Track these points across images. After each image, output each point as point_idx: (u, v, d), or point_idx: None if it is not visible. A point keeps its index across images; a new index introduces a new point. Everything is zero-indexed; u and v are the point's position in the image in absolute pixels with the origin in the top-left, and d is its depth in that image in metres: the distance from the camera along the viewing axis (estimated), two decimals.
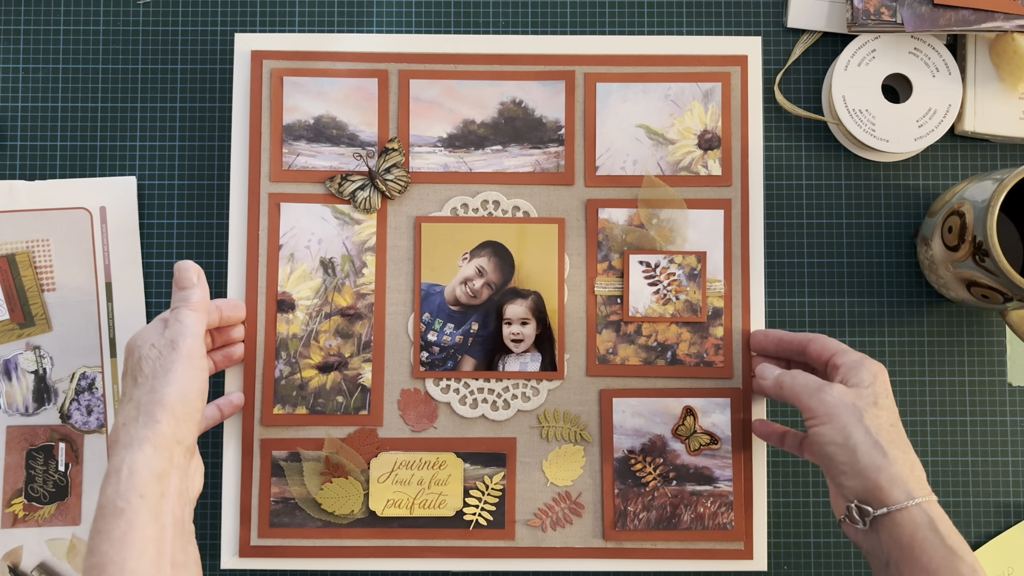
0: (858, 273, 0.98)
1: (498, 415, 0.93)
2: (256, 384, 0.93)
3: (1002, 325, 0.98)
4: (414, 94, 0.95)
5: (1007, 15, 0.92)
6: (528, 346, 0.93)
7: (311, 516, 0.92)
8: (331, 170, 0.94)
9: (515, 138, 0.95)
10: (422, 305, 0.94)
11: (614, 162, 0.95)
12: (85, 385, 0.96)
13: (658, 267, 0.94)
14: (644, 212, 0.94)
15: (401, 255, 0.94)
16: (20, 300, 0.95)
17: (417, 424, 0.93)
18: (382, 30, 0.99)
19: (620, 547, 0.93)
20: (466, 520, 0.93)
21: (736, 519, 0.92)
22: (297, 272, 0.94)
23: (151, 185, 0.98)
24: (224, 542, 0.93)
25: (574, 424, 0.93)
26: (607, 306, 0.94)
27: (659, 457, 0.93)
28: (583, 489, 0.93)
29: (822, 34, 0.99)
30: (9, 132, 0.98)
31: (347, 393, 0.93)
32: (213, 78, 0.99)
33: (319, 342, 0.94)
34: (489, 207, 0.95)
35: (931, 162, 0.98)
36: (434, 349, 0.93)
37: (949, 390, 0.97)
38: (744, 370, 0.94)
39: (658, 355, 0.94)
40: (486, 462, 0.93)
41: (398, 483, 0.93)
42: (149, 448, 0.74)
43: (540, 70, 0.95)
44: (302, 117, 0.95)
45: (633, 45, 0.96)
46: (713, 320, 0.94)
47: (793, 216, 0.98)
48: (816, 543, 0.96)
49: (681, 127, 0.95)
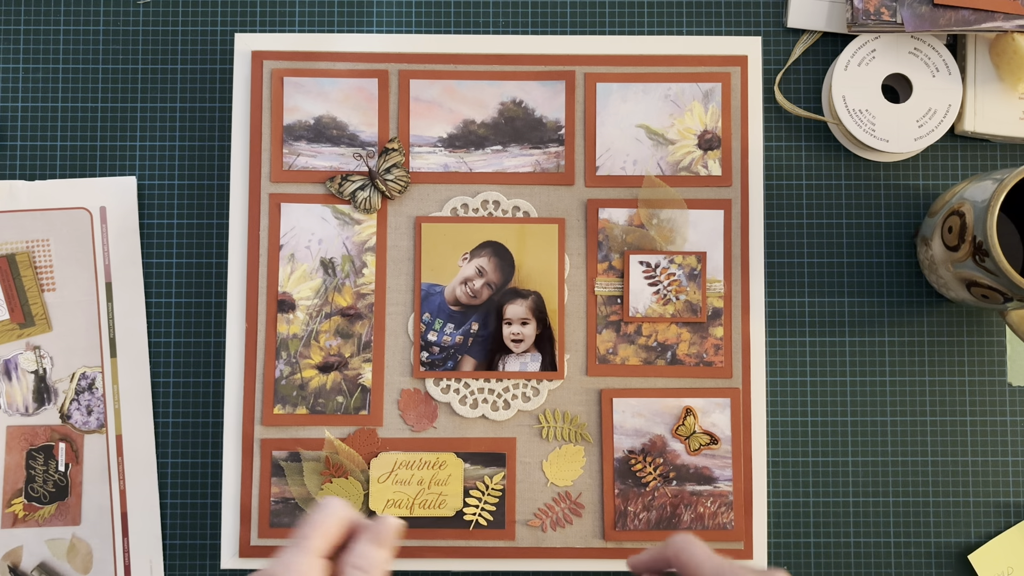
0: (858, 273, 0.98)
1: (498, 415, 0.93)
2: (256, 384, 0.93)
3: (1002, 325, 0.97)
4: (414, 94, 0.95)
5: (1007, 15, 0.92)
6: (528, 346, 0.93)
7: None
8: (331, 170, 0.94)
9: (515, 138, 0.95)
10: (422, 305, 0.94)
11: (614, 162, 0.95)
12: (85, 385, 0.96)
13: (658, 267, 0.94)
14: (644, 212, 0.94)
15: (401, 255, 0.94)
16: (20, 300, 0.95)
17: (417, 424, 0.93)
18: (382, 30, 0.99)
19: (620, 547, 0.93)
20: (466, 520, 0.93)
21: (736, 519, 0.92)
22: (297, 272, 0.94)
23: (151, 185, 0.98)
24: (224, 542, 0.93)
25: (574, 424, 0.93)
26: (607, 306, 0.94)
27: (659, 457, 0.93)
28: (583, 489, 0.93)
29: (822, 34, 0.99)
30: (9, 132, 0.98)
31: (347, 393, 0.93)
32: (213, 78, 0.99)
33: (319, 342, 0.94)
34: (489, 207, 0.95)
35: (931, 162, 0.98)
36: (434, 349, 0.93)
37: (949, 390, 0.97)
38: (744, 370, 0.94)
39: (658, 355, 0.94)
40: (486, 462, 0.93)
41: (398, 483, 0.93)
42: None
43: (540, 70, 0.95)
44: (302, 117, 0.95)
45: (633, 45, 0.96)
46: (713, 320, 0.94)
47: (793, 216, 0.98)
48: (816, 543, 0.96)
49: (681, 127, 0.95)
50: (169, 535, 0.95)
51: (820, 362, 0.97)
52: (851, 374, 0.97)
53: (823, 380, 0.97)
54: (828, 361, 0.97)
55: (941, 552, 0.96)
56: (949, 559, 0.96)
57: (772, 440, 0.96)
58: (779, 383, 0.97)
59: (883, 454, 0.96)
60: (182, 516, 0.96)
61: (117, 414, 0.95)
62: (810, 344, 0.97)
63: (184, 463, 0.96)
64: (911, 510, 0.96)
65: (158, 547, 0.95)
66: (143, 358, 0.96)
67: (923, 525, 0.96)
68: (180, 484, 0.96)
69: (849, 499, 0.96)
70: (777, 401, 0.96)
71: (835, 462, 0.96)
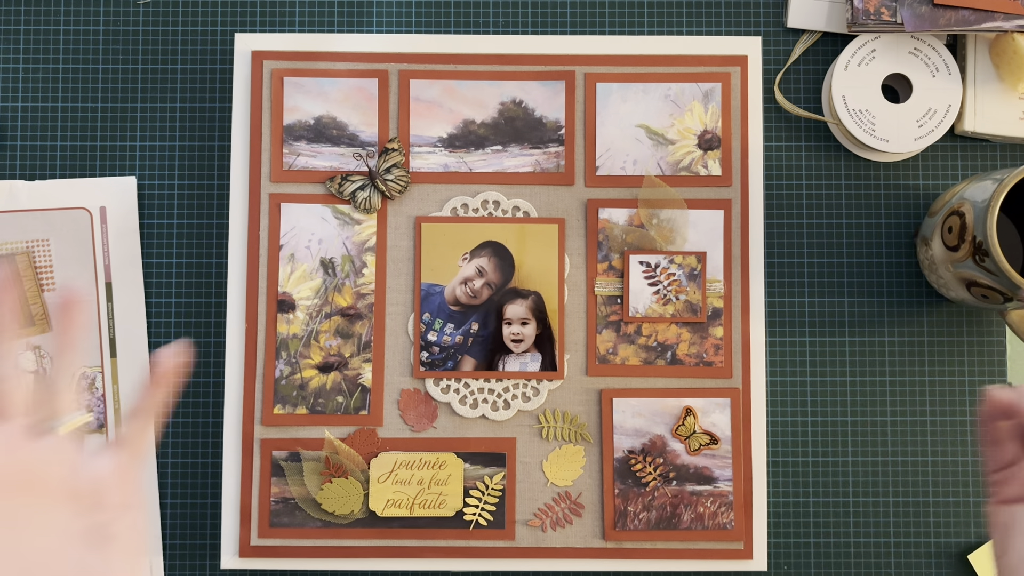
0: (858, 273, 0.98)
1: (498, 415, 0.93)
2: (256, 384, 0.93)
3: (1002, 325, 0.98)
4: (414, 94, 0.95)
5: (1007, 15, 0.92)
6: (528, 346, 0.93)
7: (311, 516, 0.92)
8: (331, 170, 0.94)
9: (515, 138, 0.95)
10: (422, 305, 0.94)
11: (614, 162, 0.95)
12: (85, 385, 0.96)
13: (658, 267, 0.94)
14: (644, 212, 0.94)
15: (401, 255, 0.94)
16: (20, 300, 0.95)
17: (417, 424, 0.93)
18: (382, 30, 0.99)
19: (620, 547, 0.93)
20: (466, 520, 0.93)
21: (736, 519, 0.92)
22: (297, 272, 0.94)
23: (151, 185, 0.98)
24: (224, 542, 0.93)
25: (574, 424, 0.93)
26: (607, 306, 0.94)
27: (659, 457, 0.93)
28: (583, 489, 0.93)
29: (822, 34, 0.99)
30: (9, 132, 0.98)
31: (347, 393, 0.93)
32: (213, 78, 0.99)
33: (319, 342, 0.94)
34: (489, 207, 0.95)
35: (931, 162, 0.98)
36: (434, 349, 0.93)
37: (949, 390, 0.97)
38: (744, 370, 0.94)
39: (658, 355, 0.94)
40: (486, 462, 0.93)
41: (398, 483, 0.93)
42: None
43: (540, 70, 0.95)
44: (302, 117, 0.95)
45: (633, 45, 0.96)
46: (713, 320, 0.94)
47: (793, 216, 0.98)
48: (816, 543, 0.96)
49: (681, 127, 0.95)
50: (169, 535, 0.95)
51: (820, 362, 0.97)
52: (851, 374, 0.97)
53: (823, 380, 0.97)
54: (828, 361, 0.97)
55: (941, 552, 0.96)
56: (949, 559, 0.96)
57: (772, 440, 0.96)
58: (779, 383, 0.97)
59: (883, 454, 0.96)
60: (182, 516, 0.95)
61: (117, 414, 0.95)
62: (810, 344, 0.97)
63: (184, 463, 0.96)
64: (911, 510, 0.96)
65: (158, 547, 0.95)
66: (143, 358, 0.96)
67: (923, 525, 0.96)
68: (180, 484, 0.96)
69: (849, 499, 0.96)
70: (777, 401, 0.96)
71: (835, 462, 0.96)
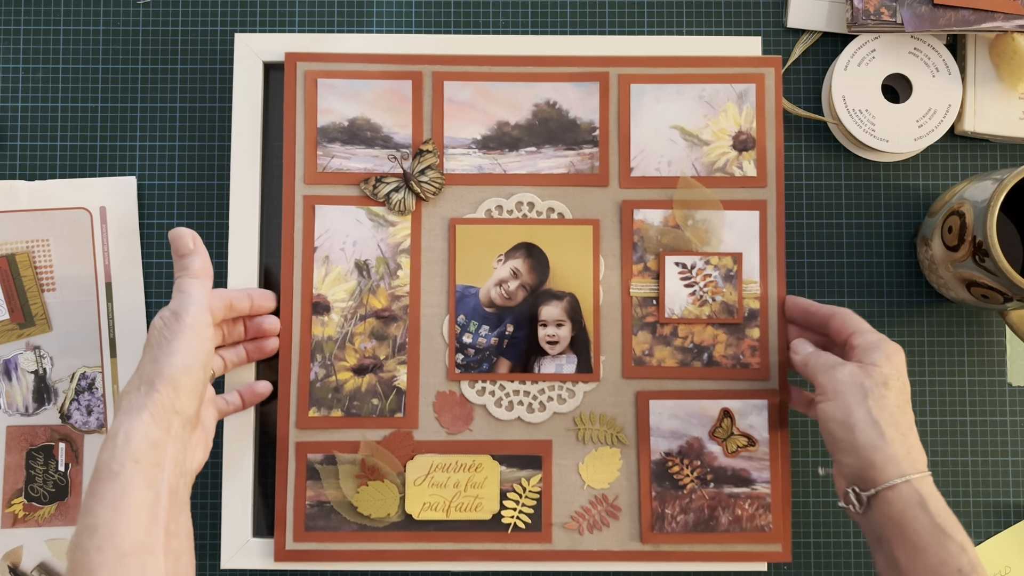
0: (858, 273, 0.99)
1: (534, 417, 0.93)
2: (291, 387, 0.92)
3: (1002, 325, 0.99)
4: (448, 96, 0.95)
5: (1007, 15, 0.94)
6: (563, 348, 0.93)
7: (347, 520, 0.91)
8: (365, 172, 0.94)
9: (549, 139, 0.95)
10: (457, 307, 0.93)
11: (648, 163, 0.95)
12: (85, 385, 0.96)
13: (694, 268, 0.94)
14: (680, 213, 0.94)
15: (436, 257, 0.94)
16: (20, 300, 0.95)
17: (453, 426, 0.93)
18: (386, 30, 0.98)
19: (658, 550, 0.92)
20: (504, 523, 0.92)
21: (775, 521, 0.92)
22: (332, 274, 0.93)
23: (151, 185, 0.98)
24: (224, 542, 0.93)
25: (610, 426, 0.93)
26: (643, 308, 0.94)
27: (696, 459, 0.93)
28: (620, 492, 0.93)
29: (822, 34, 1.00)
30: (9, 132, 0.97)
31: (382, 395, 0.93)
32: (213, 78, 0.99)
33: (354, 344, 0.93)
34: (523, 208, 0.94)
35: (931, 162, 0.99)
36: (469, 351, 0.93)
37: (949, 390, 0.98)
38: (781, 373, 0.94)
39: (694, 357, 0.94)
40: (522, 465, 0.93)
41: (434, 486, 0.92)
42: (147, 416, 0.73)
43: (574, 71, 0.95)
44: (336, 119, 0.94)
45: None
46: (749, 322, 0.94)
47: (793, 216, 0.98)
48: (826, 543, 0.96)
49: (715, 128, 0.95)
50: None
51: None
52: None
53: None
54: None
55: None
56: None
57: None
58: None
59: None
60: None
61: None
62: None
63: None
64: None
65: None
66: None
67: None
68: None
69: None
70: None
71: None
